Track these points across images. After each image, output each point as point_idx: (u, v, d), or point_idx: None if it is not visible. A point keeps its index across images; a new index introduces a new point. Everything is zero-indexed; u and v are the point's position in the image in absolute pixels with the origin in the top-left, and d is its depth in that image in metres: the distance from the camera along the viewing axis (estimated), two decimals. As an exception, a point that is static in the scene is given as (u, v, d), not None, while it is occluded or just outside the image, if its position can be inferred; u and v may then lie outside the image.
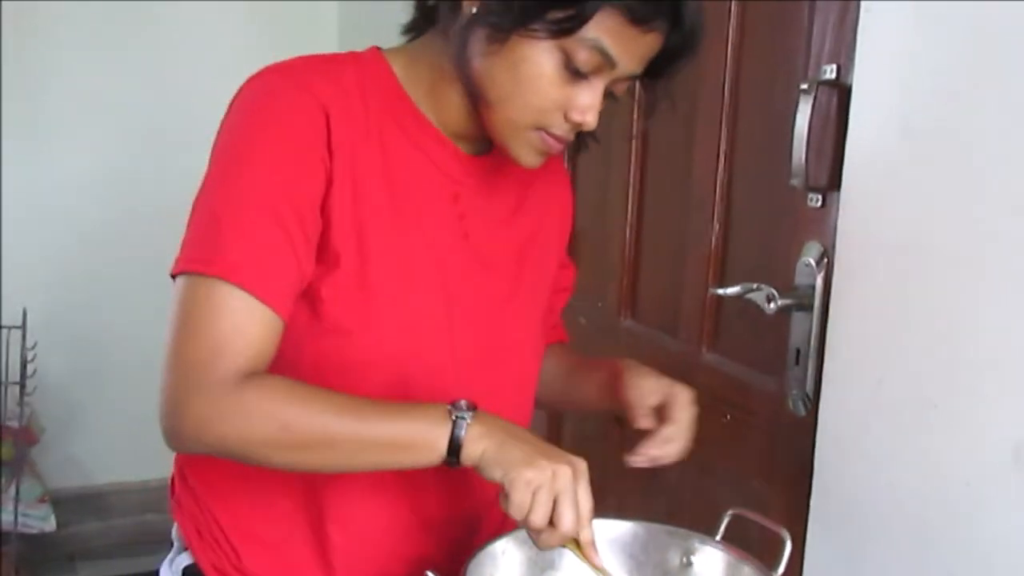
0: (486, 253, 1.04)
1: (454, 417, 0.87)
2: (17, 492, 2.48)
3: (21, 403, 2.53)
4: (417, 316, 0.98)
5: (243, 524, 1.04)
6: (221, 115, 0.96)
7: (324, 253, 0.94)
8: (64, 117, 2.82)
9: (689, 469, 1.04)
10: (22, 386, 2.48)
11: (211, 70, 2.86)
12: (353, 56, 1.00)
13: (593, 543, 0.90)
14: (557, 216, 1.17)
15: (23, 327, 2.47)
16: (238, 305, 0.88)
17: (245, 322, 0.88)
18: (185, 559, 1.07)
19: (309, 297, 0.94)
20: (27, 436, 2.61)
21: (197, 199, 0.93)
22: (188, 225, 0.92)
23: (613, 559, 1.00)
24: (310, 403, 0.88)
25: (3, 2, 2.68)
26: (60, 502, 2.71)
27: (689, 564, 1.01)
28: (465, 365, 1.01)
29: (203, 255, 0.89)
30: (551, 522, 0.86)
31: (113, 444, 3.00)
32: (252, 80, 0.95)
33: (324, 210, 0.93)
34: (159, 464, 3.30)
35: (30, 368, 2.48)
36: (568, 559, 0.99)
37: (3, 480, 2.53)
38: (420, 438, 0.87)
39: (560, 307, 1.23)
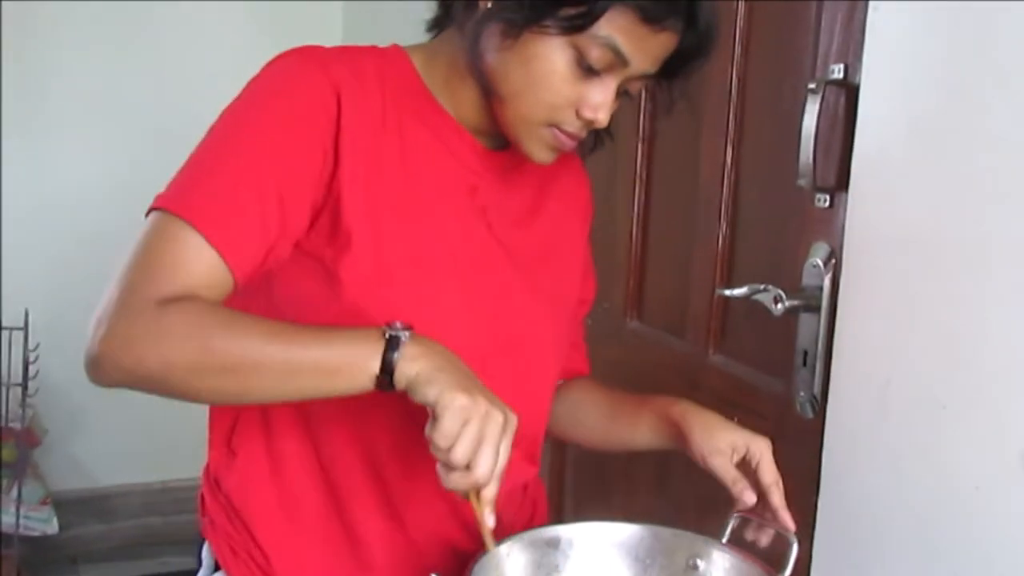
0: (508, 247, 1.05)
1: (388, 336, 0.85)
2: (19, 494, 2.49)
3: (23, 404, 2.54)
4: (432, 301, 0.98)
5: (275, 528, 1.03)
6: (224, 116, 0.97)
7: (336, 233, 0.94)
8: (65, 117, 2.83)
9: (695, 471, 1.04)
10: (24, 387, 2.49)
11: (213, 71, 2.87)
12: (374, 48, 1.02)
13: (492, 503, 0.87)
14: (578, 214, 1.18)
15: (25, 328, 2.48)
16: (191, 246, 0.87)
17: (192, 261, 0.87)
18: None
19: (328, 277, 0.95)
20: (29, 438, 2.62)
21: (191, 154, 0.94)
22: (177, 172, 0.93)
23: (619, 562, 1.01)
24: (234, 325, 0.86)
25: (3, 2, 2.69)
26: (62, 504, 2.72)
27: (695, 567, 1.01)
28: (482, 354, 1.00)
29: (177, 197, 0.90)
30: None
31: (116, 446, 3.01)
32: (273, 59, 0.97)
33: (334, 190, 0.94)
34: (162, 466, 3.32)
35: (32, 369, 2.49)
36: (572, 562, 1.00)
37: (5, 482, 2.54)
38: (349, 360, 0.85)
39: (581, 317, 1.23)
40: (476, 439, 0.83)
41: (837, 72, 1.22)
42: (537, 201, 1.10)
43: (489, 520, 0.87)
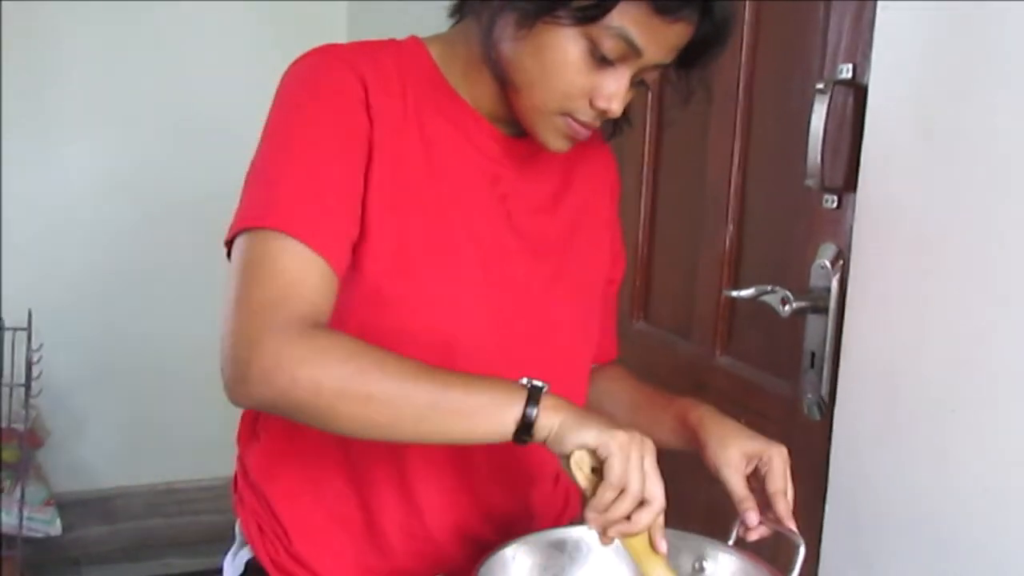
0: (529, 235, 1.06)
1: (529, 386, 0.87)
2: (22, 495, 2.50)
3: (26, 405, 2.55)
4: (451, 292, 1.00)
5: (295, 508, 1.05)
6: (228, 115, 0.98)
7: (362, 223, 0.96)
8: (69, 117, 2.84)
9: (702, 473, 1.04)
10: (27, 388, 2.50)
11: (216, 70, 2.88)
12: (392, 41, 1.04)
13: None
14: (605, 195, 1.19)
15: (28, 329, 2.49)
16: (295, 254, 0.89)
17: (304, 271, 0.89)
18: (247, 553, 1.10)
19: (350, 268, 0.96)
20: (32, 439, 2.63)
21: (249, 172, 0.95)
22: (241, 195, 0.95)
23: (624, 564, 1.01)
24: (382, 358, 0.87)
25: (3, 2, 2.70)
26: (65, 506, 2.73)
27: (702, 570, 1.01)
28: (506, 343, 1.02)
29: (258, 212, 0.91)
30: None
31: (119, 447, 3.02)
32: (294, 62, 0.99)
33: (365, 177, 0.95)
34: (165, 468, 3.32)
35: (35, 370, 2.50)
36: (578, 565, 1.00)
37: (8, 483, 2.55)
38: (492, 405, 0.86)
39: (612, 296, 1.23)
40: (642, 469, 0.85)
41: (845, 72, 1.22)
42: (562, 186, 1.11)
43: (663, 546, 0.90)
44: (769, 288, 1.29)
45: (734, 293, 1.36)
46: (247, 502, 1.10)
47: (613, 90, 0.94)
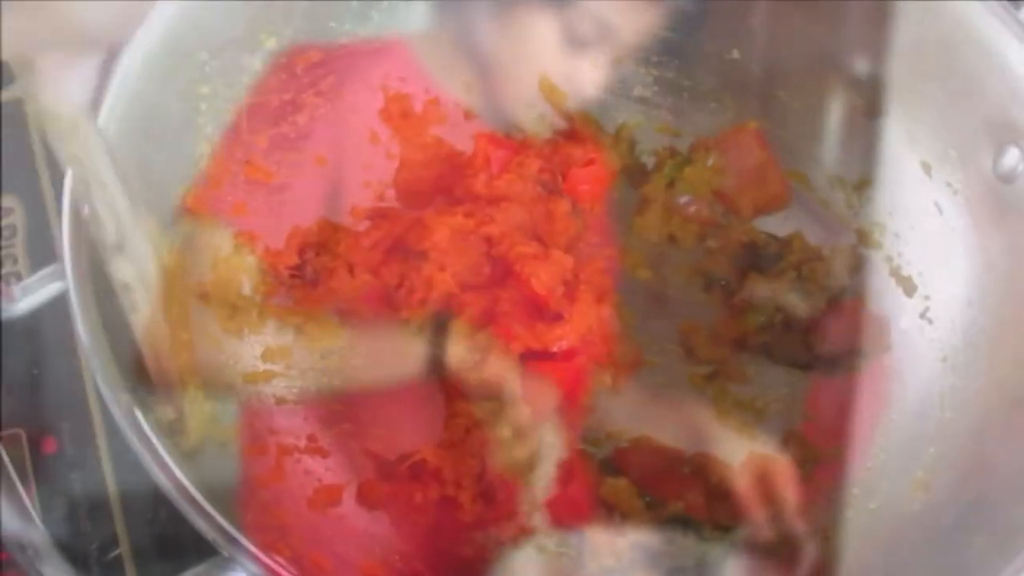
0: None
1: (430, 315, 0.91)
2: (24, 497, 2.53)
3: (29, 405, 2.57)
4: None
5: (306, 523, 1.08)
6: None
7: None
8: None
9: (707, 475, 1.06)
10: (30, 387, 2.53)
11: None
12: (373, 39, 1.05)
13: None
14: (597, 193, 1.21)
15: (32, 325, 2.52)
16: (224, 238, 0.93)
17: (237, 269, 0.93)
18: None
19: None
20: (33, 439, 2.66)
21: (209, 154, 0.98)
22: (197, 173, 0.97)
23: (630, 566, 1.03)
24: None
25: (3, 1, 2.73)
26: (68, 507, 2.75)
27: (709, 571, 1.03)
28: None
29: (206, 197, 0.94)
30: None
31: (123, 448, 3.04)
32: (274, 56, 1.01)
33: (343, 179, 0.98)
34: (173, 468, 3.30)
35: (36, 370, 2.52)
36: (583, 568, 1.02)
37: (9, 484, 2.57)
38: (398, 341, 0.90)
39: None
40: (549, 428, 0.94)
41: (863, 66, 1.23)
42: (554, 181, 1.13)
43: None
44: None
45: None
46: (251, 522, 1.09)
47: (590, 73, 0.97)
